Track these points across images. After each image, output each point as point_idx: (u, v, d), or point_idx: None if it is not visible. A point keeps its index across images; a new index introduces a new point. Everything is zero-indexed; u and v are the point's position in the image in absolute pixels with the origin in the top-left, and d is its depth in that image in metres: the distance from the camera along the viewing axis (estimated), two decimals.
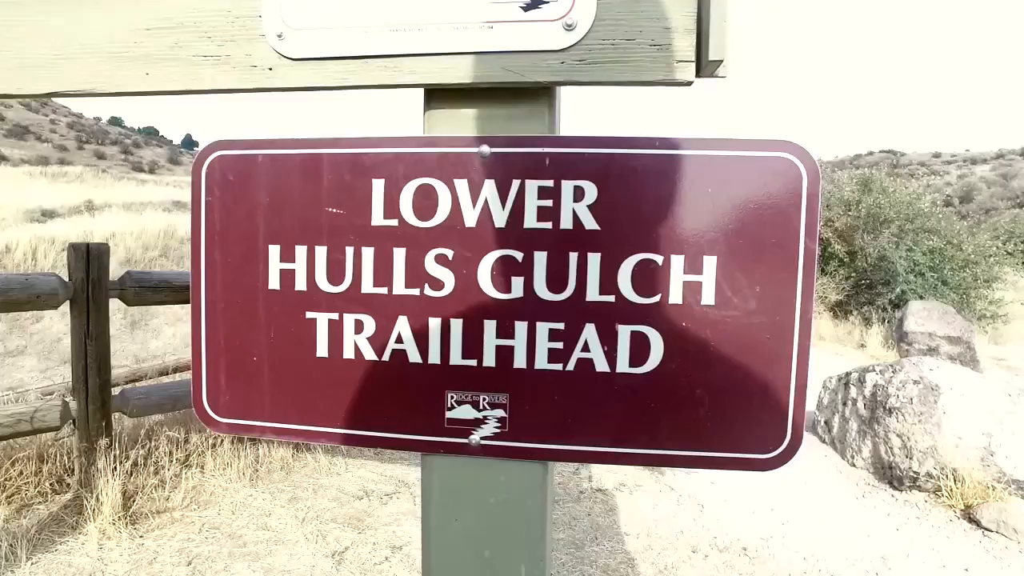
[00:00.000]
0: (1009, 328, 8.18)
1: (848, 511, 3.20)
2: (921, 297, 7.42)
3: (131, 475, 2.60)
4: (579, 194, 0.74)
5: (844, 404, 3.85)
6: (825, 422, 4.03)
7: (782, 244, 0.72)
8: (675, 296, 0.73)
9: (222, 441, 3.06)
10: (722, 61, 0.68)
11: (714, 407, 0.74)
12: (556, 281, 0.75)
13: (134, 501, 2.53)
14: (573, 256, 0.75)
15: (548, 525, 0.82)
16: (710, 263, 0.73)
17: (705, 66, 0.69)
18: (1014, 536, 2.88)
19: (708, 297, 0.73)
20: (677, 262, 0.73)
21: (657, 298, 0.74)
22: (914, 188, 8.28)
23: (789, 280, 0.72)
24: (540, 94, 0.76)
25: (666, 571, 2.50)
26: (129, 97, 0.83)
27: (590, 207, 0.74)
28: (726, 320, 0.73)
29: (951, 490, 3.15)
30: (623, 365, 0.75)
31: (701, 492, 3.30)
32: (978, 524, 2.98)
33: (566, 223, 0.74)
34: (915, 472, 3.28)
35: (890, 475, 3.42)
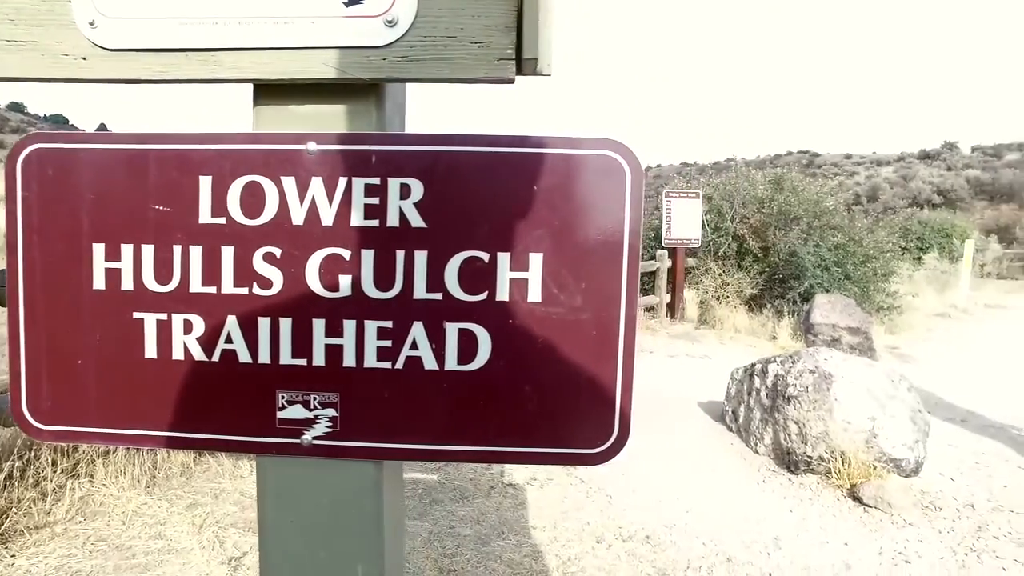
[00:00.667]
0: (903, 318, 8.74)
1: (749, 496, 3.34)
2: (827, 290, 7.82)
3: (3, 489, 2.44)
4: (405, 191, 0.74)
5: (749, 394, 4.01)
6: (732, 412, 4.19)
7: (607, 241, 0.74)
8: (502, 293, 0.74)
9: (116, 448, 2.92)
10: (536, 59, 0.69)
11: (543, 403, 0.76)
12: (383, 279, 0.75)
13: (7, 517, 2.38)
14: (400, 254, 0.74)
15: (390, 523, 0.82)
16: (536, 260, 0.74)
17: (524, 64, 0.70)
18: (889, 510, 3.08)
19: (535, 294, 0.74)
20: (503, 259, 0.74)
21: (484, 295, 0.74)
22: (819, 187, 8.71)
23: (614, 277, 0.74)
24: (367, 91, 0.75)
25: (569, 563, 2.55)
26: None
27: (416, 205, 0.74)
28: (552, 317, 0.75)
29: (839, 471, 3.33)
30: (451, 363, 0.75)
31: (611, 484, 3.38)
32: (860, 501, 3.17)
33: (393, 221, 0.74)
34: (809, 456, 3.45)
35: (788, 460, 3.59)
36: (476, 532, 2.74)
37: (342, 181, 0.74)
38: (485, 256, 0.74)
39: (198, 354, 0.78)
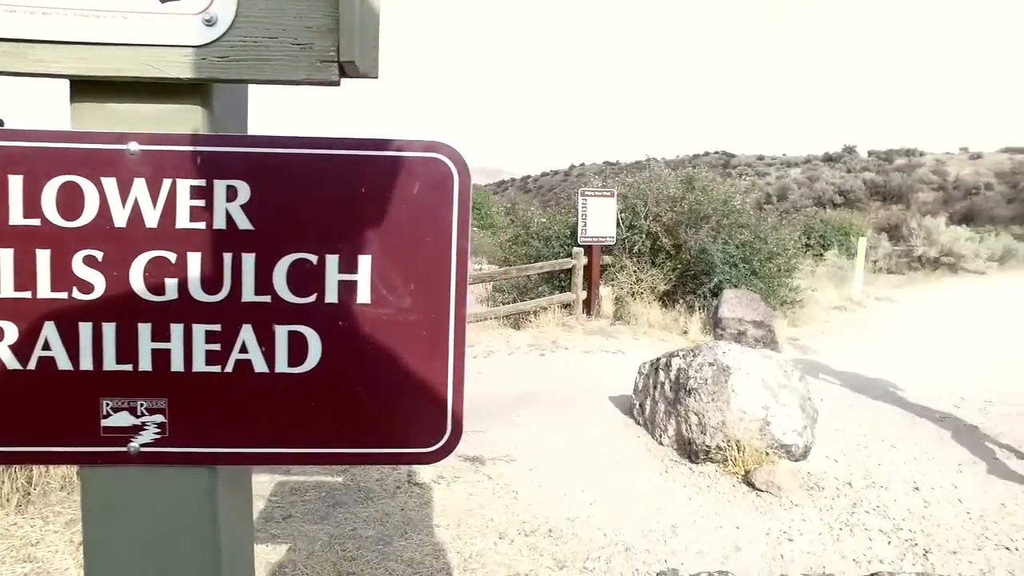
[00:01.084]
0: (804, 312, 9.26)
1: (651, 486, 3.46)
2: (735, 286, 8.17)
3: None
4: (232, 193, 0.73)
5: (655, 387, 4.15)
6: (639, 405, 4.32)
7: (435, 243, 0.75)
8: (331, 295, 0.75)
9: None
10: (355, 61, 0.69)
11: (375, 404, 0.77)
12: (211, 282, 0.74)
13: None
14: (227, 256, 0.73)
15: (231, 532, 0.80)
16: (365, 262, 0.75)
17: (347, 66, 0.71)
18: (778, 493, 3.26)
19: (364, 296, 0.75)
20: (332, 261, 0.74)
21: (313, 298, 0.74)
22: (727, 187, 9.08)
23: (443, 278, 0.76)
24: (191, 91, 0.73)
25: (471, 559, 2.57)
26: None
27: (243, 207, 0.73)
28: (382, 318, 0.75)
29: (735, 459, 3.50)
30: (282, 365, 0.75)
31: (518, 479, 3.42)
32: (753, 486, 3.35)
33: (219, 223, 0.73)
34: (708, 446, 3.61)
35: (689, 450, 3.74)
36: (379, 533, 2.72)
37: (166, 183, 0.73)
38: (314, 258, 0.74)
39: (12, 363, 0.74)
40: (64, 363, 0.74)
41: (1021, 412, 5.01)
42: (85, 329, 0.74)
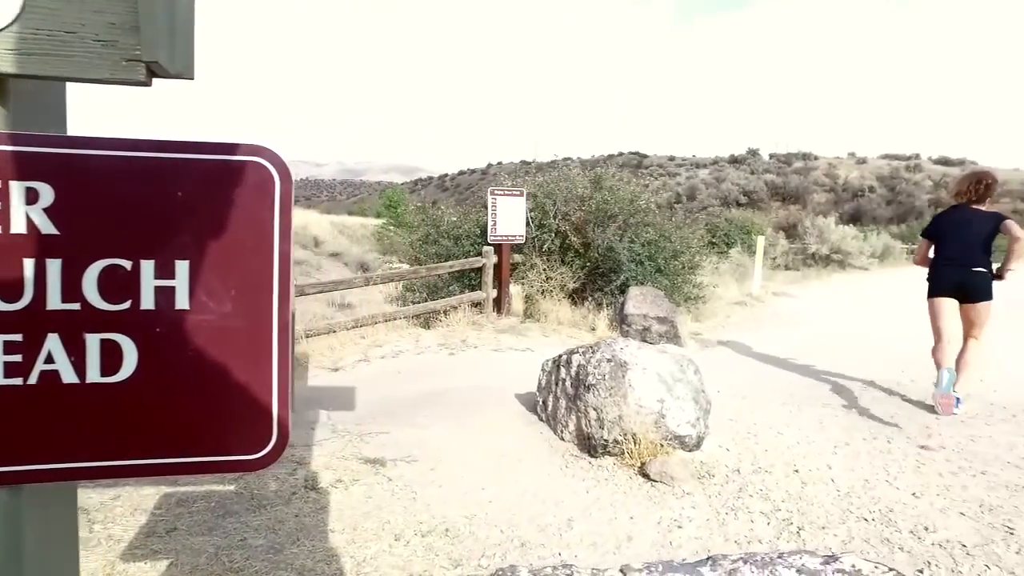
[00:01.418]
0: (707, 307, 9.69)
1: (551, 481, 3.53)
2: (641, 283, 8.44)
3: None
4: (32, 196, 0.69)
5: (556, 384, 4.22)
6: (543, 401, 4.38)
7: (257, 248, 0.74)
8: (147, 302, 0.72)
9: None
10: (158, 61, 0.67)
11: (196, 412, 0.75)
12: (10, 290, 0.69)
13: None
14: (28, 263, 0.69)
15: (40, 556, 0.76)
16: (183, 268, 0.72)
17: (154, 67, 0.68)
18: (671, 482, 3.40)
19: (183, 302, 0.73)
20: (147, 267, 0.72)
21: (128, 304, 0.72)
22: (634, 187, 9.35)
23: (265, 282, 0.75)
24: None
25: (364, 563, 2.53)
26: None
27: (46, 210, 0.69)
28: (203, 324, 0.74)
29: (631, 451, 3.62)
30: (94, 375, 0.72)
31: (418, 480, 3.40)
32: (648, 477, 3.47)
33: (18, 227, 0.69)
34: (606, 440, 3.71)
35: (589, 445, 3.83)
36: (270, 542, 2.64)
37: None
38: (128, 264, 0.71)
39: None
40: None
41: (889, 395, 5.45)
42: None
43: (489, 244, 8.41)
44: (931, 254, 5.14)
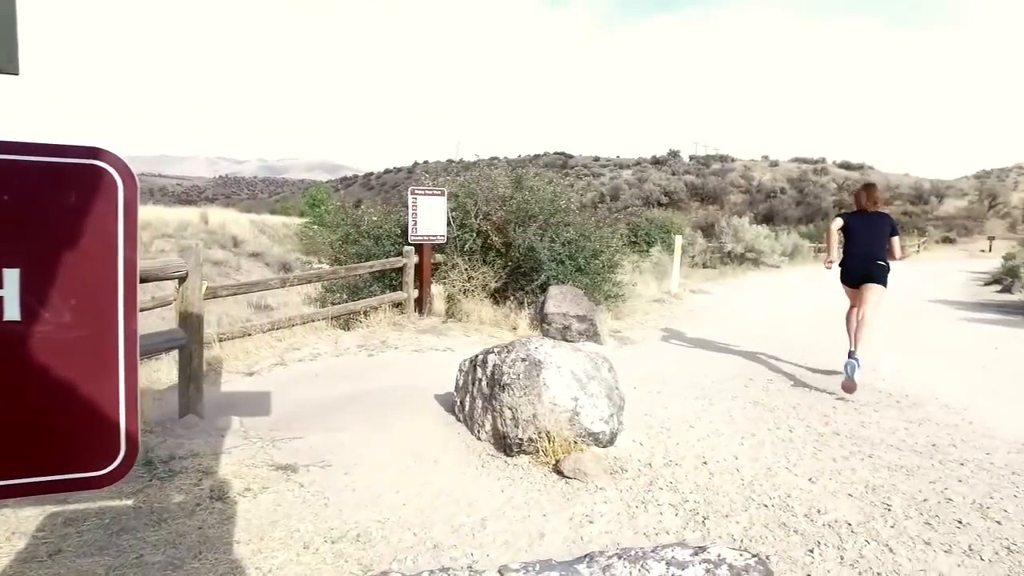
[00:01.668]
0: (627, 305, 9.93)
1: (466, 482, 3.52)
2: (562, 283, 8.55)
3: None
4: None
5: (473, 384, 4.22)
6: (460, 402, 4.37)
7: (100, 255, 0.70)
8: None
9: None
10: None
11: (35, 429, 0.70)
12: None
13: None
14: None
15: None
16: (12, 276, 0.67)
17: None
18: (585, 479, 3.46)
19: (12, 312, 0.68)
20: None
21: None
22: (554, 187, 9.47)
23: (109, 291, 0.70)
24: None
25: (270, 574, 2.46)
26: None
27: None
28: (38, 336, 0.69)
29: (546, 449, 3.66)
30: None
31: (331, 485, 3.33)
32: (562, 474, 3.52)
33: None
34: (520, 438, 3.74)
35: (504, 444, 3.85)
36: (169, 557, 2.52)
37: None
38: None
39: None
40: None
41: (793, 386, 5.74)
42: None
43: (410, 244, 8.33)
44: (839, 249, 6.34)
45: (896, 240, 6.08)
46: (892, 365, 6.59)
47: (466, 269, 8.91)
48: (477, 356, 4.30)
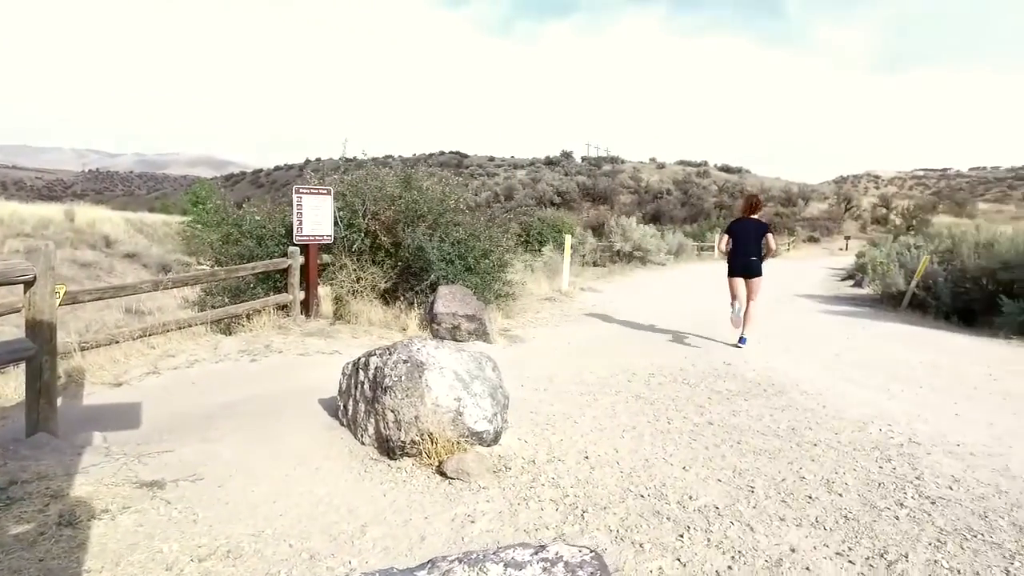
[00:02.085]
0: (518, 303, 10.09)
1: (347, 488, 3.45)
2: (452, 282, 8.54)
3: None
4: None
5: (356, 387, 4.14)
6: (344, 406, 4.28)
7: None
8: None
9: None
10: None
11: None
12: None
13: None
14: None
15: None
16: None
17: None
18: (468, 479, 3.49)
19: None
20: None
21: None
22: (443, 187, 9.44)
23: None
24: None
25: None
26: None
27: None
28: None
29: (429, 451, 3.65)
30: None
31: (202, 500, 3.16)
32: (445, 475, 3.53)
33: None
34: (403, 441, 3.71)
35: (388, 447, 3.81)
36: None
37: None
38: None
39: None
40: None
41: (672, 380, 6.04)
42: None
43: (295, 244, 8.05)
44: (728, 246, 8.01)
45: (770, 237, 7.78)
46: (762, 357, 7.09)
47: (355, 270, 8.73)
48: (360, 359, 4.22)
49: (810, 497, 3.43)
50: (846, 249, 38.84)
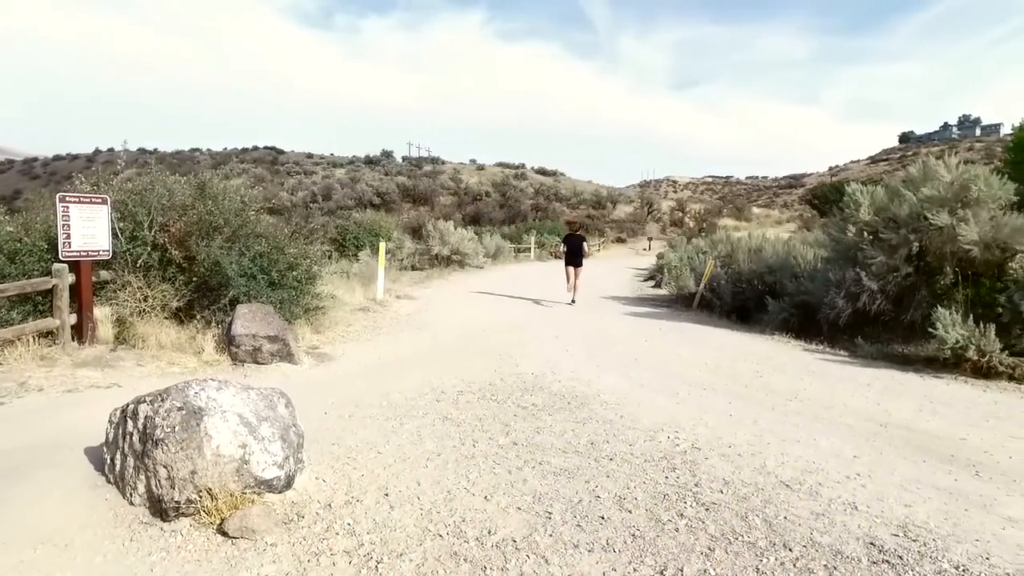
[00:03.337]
0: (328, 316, 9.66)
1: (109, 565, 3.01)
2: (255, 298, 7.95)
3: None
4: None
5: (124, 439, 3.65)
6: (111, 460, 3.75)
7: None
8: None
9: None
10: None
11: None
12: None
13: None
14: None
15: None
16: None
17: None
18: (253, 536, 3.19)
19: None
20: None
21: None
22: (242, 196, 8.76)
23: None
24: None
25: None
26: None
27: None
28: None
29: (209, 509, 3.30)
30: None
31: None
32: (227, 535, 3.20)
33: None
34: (178, 501, 3.32)
35: (161, 508, 3.39)
36: None
37: None
38: None
39: None
40: None
41: (480, 397, 6.08)
42: None
43: (62, 261, 7.01)
44: (563, 250, 14.27)
45: (585, 245, 13.95)
46: (568, 366, 7.41)
47: (140, 287, 7.80)
48: (128, 406, 3.71)
49: (603, 518, 3.58)
50: (649, 249, 42.30)
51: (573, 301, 13.58)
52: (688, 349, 8.92)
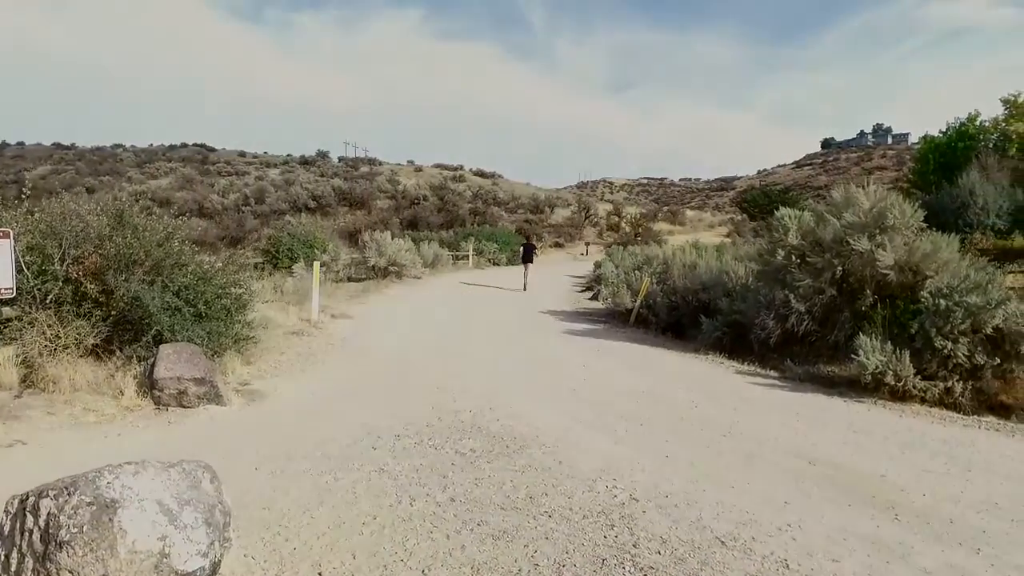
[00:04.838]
0: (260, 345, 9.27)
1: None
2: (179, 332, 7.54)
3: None
4: None
5: (23, 535, 3.34)
6: (6, 558, 3.42)
7: None
8: None
9: None
10: None
11: None
12: None
13: None
14: None
15: None
16: None
17: None
18: None
19: None
20: None
21: None
22: (165, 227, 8.30)
23: None
24: None
25: None
26: None
27: None
28: None
29: None
30: None
31: None
32: None
33: None
34: None
35: None
36: None
37: None
38: None
39: None
40: None
41: (417, 443, 5.92)
42: None
43: None
44: (521, 254, 22.68)
45: (535, 251, 23.10)
46: (505, 402, 7.33)
47: (51, 325, 7.28)
48: (28, 498, 3.41)
49: None
50: (586, 254, 42.82)
51: (525, 288, 20.35)
52: (625, 376, 9.00)
